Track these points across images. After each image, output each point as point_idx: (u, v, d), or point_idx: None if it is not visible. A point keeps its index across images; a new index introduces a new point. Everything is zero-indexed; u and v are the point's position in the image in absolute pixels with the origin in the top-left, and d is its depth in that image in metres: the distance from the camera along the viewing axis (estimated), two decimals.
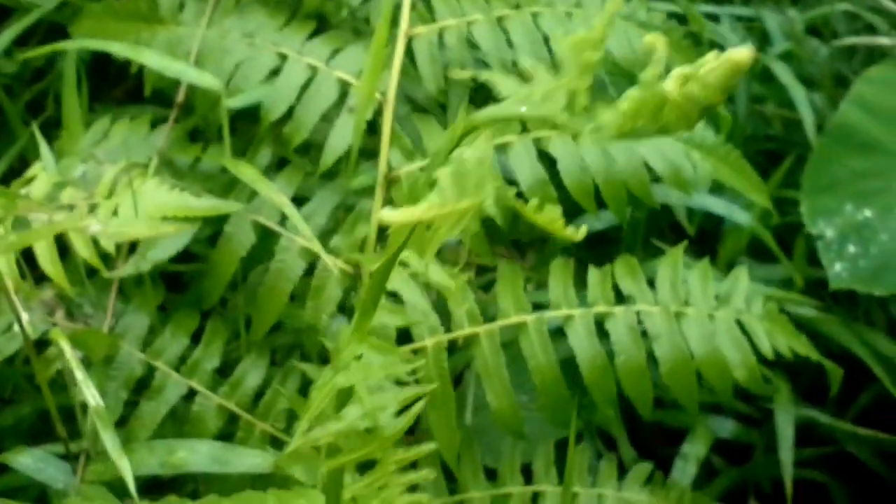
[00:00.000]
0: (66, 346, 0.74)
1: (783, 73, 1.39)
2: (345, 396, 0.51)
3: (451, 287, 0.68)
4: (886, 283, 1.13)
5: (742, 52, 0.41)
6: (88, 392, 0.70)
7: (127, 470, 0.69)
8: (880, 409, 1.21)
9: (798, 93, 1.39)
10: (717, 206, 1.21)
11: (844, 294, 1.18)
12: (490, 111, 0.49)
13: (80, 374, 0.71)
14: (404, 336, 0.89)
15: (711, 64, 0.42)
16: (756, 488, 1.25)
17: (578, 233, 0.53)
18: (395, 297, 0.77)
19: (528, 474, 0.95)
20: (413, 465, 0.57)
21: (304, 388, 0.92)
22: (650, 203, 0.92)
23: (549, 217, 0.53)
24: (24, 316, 0.77)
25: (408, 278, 0.66)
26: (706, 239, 1.29)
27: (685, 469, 1.14)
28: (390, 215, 0.38)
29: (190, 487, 0.94)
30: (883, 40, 1.46)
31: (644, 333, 0.89)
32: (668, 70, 0.44)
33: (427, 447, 0.49)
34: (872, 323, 1.25)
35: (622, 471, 0.97)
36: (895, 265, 1.15)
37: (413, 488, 0.62)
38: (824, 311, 1.20)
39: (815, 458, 1.22)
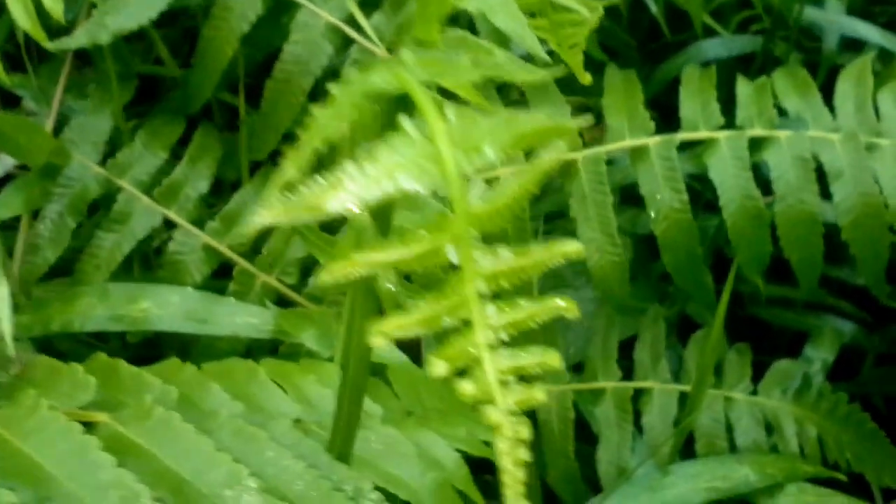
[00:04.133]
0: None
1: None
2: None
3: (580, 13, 0.39)
4: None
5: None
6: None
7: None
8: None
9: None
10: (867, 30, 0.91)
11: None
12: None
13: None
14: None
15: None
16: (865, 404, 0.98)
17: None
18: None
19: (627, 368, 0.69)
20: None
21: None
22: None
23: None
24: None
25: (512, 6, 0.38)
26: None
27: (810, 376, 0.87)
28: None
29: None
30: None
31: (819, 170, 0.62)
32: None
33: (574, 245, 0.22)
34: None
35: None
36: None
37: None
38: None
39: None
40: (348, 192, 0.21)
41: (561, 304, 0.23)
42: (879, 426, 0.87)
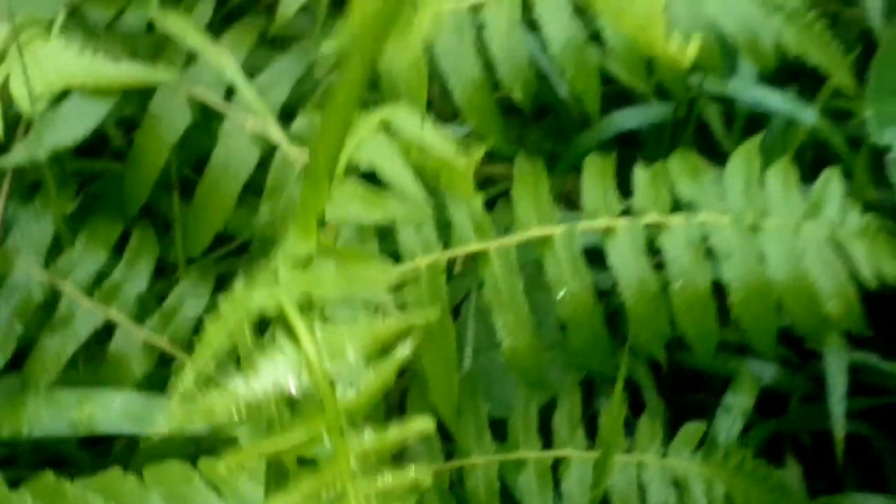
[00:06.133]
0: None
1: None
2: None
3: (455, 161, 0.44)
4: None
5: None
6: None
7: None
8: None
9: None
10: (775, 100, 0.96)
11: None
12: None
13: None
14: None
15: None
16: (794, 442, 1.04)
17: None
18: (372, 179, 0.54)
19: (546, 435, 0.74)
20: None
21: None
22: (714, 72, 0.70)
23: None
24: None
25: (391, 148, 0.43)
26: None
27: (729, 424, 0.93)
28: None
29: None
30: None
31: (709, 252, 0.67)
32: None
33: (425, 422, 0.27)
34: None
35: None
36: None
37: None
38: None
39: (861, 409, 1.02)
40: (233, 400, 0.25)
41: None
42: (805, 463, 0.93)
